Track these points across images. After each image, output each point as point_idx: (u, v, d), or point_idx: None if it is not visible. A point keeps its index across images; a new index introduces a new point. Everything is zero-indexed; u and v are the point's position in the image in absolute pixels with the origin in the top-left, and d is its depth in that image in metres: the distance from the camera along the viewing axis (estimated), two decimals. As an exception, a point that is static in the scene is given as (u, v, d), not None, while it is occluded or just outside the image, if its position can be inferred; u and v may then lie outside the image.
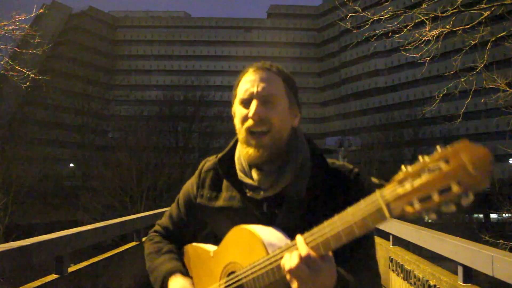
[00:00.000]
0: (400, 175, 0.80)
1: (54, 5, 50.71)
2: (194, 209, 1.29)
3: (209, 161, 1.31)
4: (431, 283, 3.73)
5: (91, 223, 7.25)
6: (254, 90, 1.14)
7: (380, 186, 0.84)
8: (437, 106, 7.99)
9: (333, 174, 1.14)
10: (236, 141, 1.24)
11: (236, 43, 62.00)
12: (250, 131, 1.13)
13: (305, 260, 0.91)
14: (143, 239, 6.25)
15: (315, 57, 62.22)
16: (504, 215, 25.43)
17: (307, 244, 0.93)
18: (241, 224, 1.11)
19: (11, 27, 9.36)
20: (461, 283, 3.29)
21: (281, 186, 1.12)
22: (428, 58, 7.34)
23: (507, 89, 7.53)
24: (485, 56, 7.36)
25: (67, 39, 53.30)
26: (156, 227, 1.40)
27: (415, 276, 4.13)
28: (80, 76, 47.49)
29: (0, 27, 9.30)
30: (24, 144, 31.39)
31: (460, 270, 3.32)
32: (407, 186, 0.78)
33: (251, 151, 1.13)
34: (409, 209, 0.78)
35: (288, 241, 1.02)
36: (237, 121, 1.17)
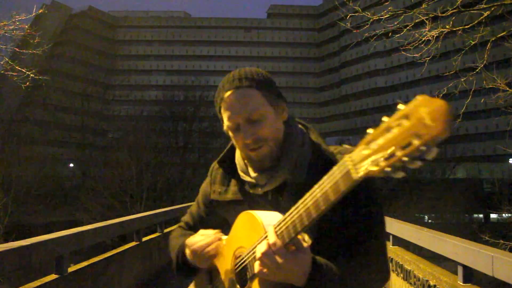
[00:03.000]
0: (367, 138, 0.82)
1: (54, 5, 50.74)
2: (210, 205, 1.37)
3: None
4: (431, 283, 3.73)
5: (91, 223, 7.25)
6: (236, 116, 1.16)
7: (351, 150, 0.87)
8: (437, 106, 7.96)
9: (334, 157, 1.18)
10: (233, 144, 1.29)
11: (236, 43, 62.04)
12: (248, 150, 1.18)
13: (271, 249, 1.00)
14: (143, 239, 6.25)
15: (315, 57, 62.24)
16: (504, 215, 25.43)
17: (276, 232, 1.01)
18: None
19: (11, 27, 9.36)
20: (461, 283, 3.29)
21: (277, 181, 1.18)
22: (428, 58, 7.35)
23: (507, 89, 7.53)
24: (485, 56, 7.37)
25: (67, 39, 53.36)
26: (180, 223, 1.51)
27: (415, 276, 4.13)
28: (80, 76, 47.56)
29: (0, 27, 9.31)
30: (24, 144, 31.41)
31: (460, 270, 3.31)
32: (373, 146, 0.81)
33: (255, 163, 1.21)
34: (374, 168, 0.80)
35: None
36: (233, 141, 1.23)
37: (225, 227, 1.34)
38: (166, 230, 7.59)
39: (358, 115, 54.04)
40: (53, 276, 3.40)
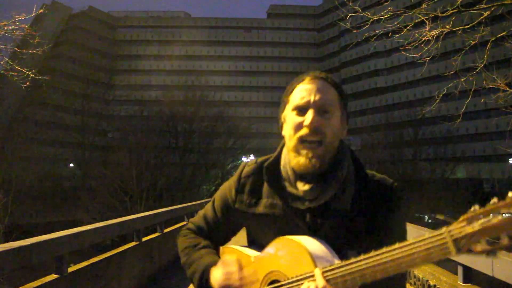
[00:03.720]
0: (468, 215, 0.83)
1: (54, 5, 50.72)
2: (231, 213, 1.28)
3: (249, 166, 1.28)
4: (431, 283, 3.73)
5: (91, 223, 7.25)
6: (312, 99, 1.13)
7: (446, 223, 0.88)
8: (437, 106, 7.98)
9: (375, 187, 1.16)
10: (282, 148, 1.24)
11: (236, 43, 62.01)
12: (302, 140, 1.12)
13: None
14: (143, 239, 6.25)
15: (315, 57, 62.23)
16: (504, 215, 25.47)
17: (327, 276, 0.96)
18: (281, 231, 1.12)
19: (11, 27, 9.35)
20: (461, 283, 3.29)
21: (325, 198, 1.12)
22: (428, 58, 7.34)
23: (507, 89, 7.52)
24: (485, 56, 7.37)
25: (67, 39, 53.34)
26: (190, 225, 1.39)
27: (415, 276, 4.13)
28: (80, 76, 47.48)
29: (0, 27, 9.30)
30: (24, 144, 31.40)
31: (460, 270, 3.31)
32: (476, 225, 0.81)
33: (302, 160, 1.12)
34: (476, 247, 0.81)
35: (334, 255, 1.04)
36: (288, 128, 1.16)
37: (250, 238, 1.29)
38: (166, 230, 7.59)
39: (358, 115, 54.03)
40: (53, 276, 3.40)
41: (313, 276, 0.98)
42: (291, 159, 1.15)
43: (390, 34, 7.45)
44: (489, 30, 7.21)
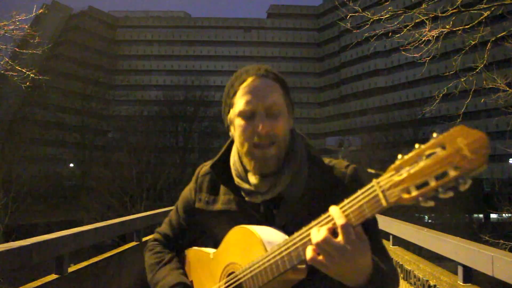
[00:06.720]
0: (396, 163, 0.80)
1: (54, 5, 50.71)
2: (193, 214, 1.28)
3: (206, 166, 1.29)
4: (431, 283, 3.73)
5: (91, 223, 7.25)
6: (258, 103, 1.09)
7: (377, 175, 0.84)
8: (437, 106, 7.97)
9: (330, 171, 1.15)
10: (229, 146, 1.23)
11: (236, 43, 62.04)
12: (255, 145, 1.10)
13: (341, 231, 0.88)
14: (143, 239, 6.25)
15: (315, 57, 62.22)
16: (504, 215, 25.43)
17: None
18: (239, 225, 1.12)
19: (11, 27, 9.34)
20: (461, 283, 3.28)
21: (279, 189, 1.11)
22: (428, 58, 7.33)
23: (507, 89, 7.52)
24: (485, 56, 7.36)
25: (67, 39, 53.34)
26: (156, 235, 1.38)
27: (415, 276, 4.13)
28: (80, 76, 47.50)
29: (0, 27, 9.29)
30: (24, 144, 31.40)
31: (460, 270, 3.31)
32: (404, 173, 0.78)
33: (258, 164, 1.11)
34: (405, 196, 0.77)
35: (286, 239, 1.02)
36: (237, 133, 1.13)
37: (207, 238, 1.28)
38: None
39: (358, 115, 54.03)
40: (53, 276, 3.40)
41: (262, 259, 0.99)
42: (246, 163, 1.13)
43: (390, 34, 7.44)
44: (489, 30, 7.21)
